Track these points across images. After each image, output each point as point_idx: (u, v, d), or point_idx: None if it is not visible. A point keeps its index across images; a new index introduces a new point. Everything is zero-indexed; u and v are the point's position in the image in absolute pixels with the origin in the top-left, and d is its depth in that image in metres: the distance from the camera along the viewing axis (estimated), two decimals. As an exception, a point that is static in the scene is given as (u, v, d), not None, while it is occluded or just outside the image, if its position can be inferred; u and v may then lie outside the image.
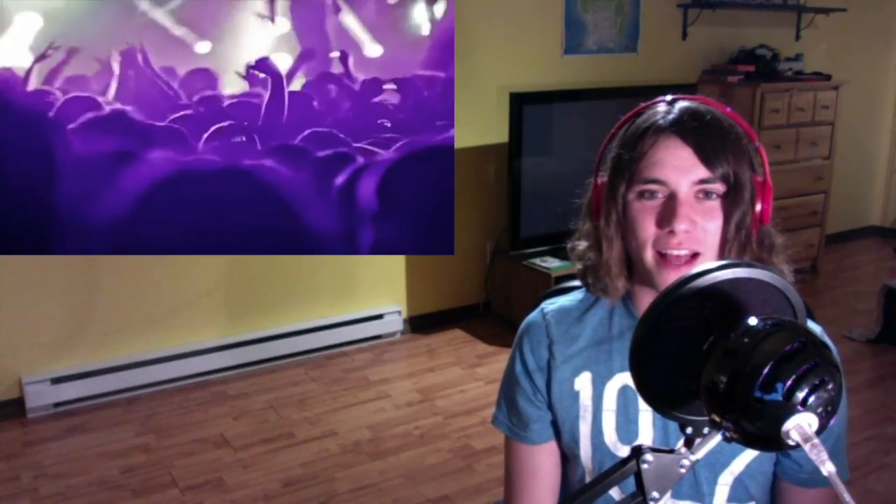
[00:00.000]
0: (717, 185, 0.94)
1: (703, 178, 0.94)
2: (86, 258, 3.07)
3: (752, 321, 0.64)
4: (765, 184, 0.98)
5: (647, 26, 4.37)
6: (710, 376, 0.64)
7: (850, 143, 5.26)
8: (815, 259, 4.84)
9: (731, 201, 0.95)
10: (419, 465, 2.72)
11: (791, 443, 0.59)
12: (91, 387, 3.13)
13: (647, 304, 0.72)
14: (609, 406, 1.05)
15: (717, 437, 0.68)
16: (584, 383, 1.06)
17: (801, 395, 0.58)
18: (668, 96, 1.01)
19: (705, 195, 0.95)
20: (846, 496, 0.58)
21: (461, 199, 3.74)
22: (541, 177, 3.76)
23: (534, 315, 1.13)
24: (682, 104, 0.99)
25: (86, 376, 3.12)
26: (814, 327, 0.98)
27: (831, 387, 0.59)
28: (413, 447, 2.84)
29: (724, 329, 0.65)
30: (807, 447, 0.59)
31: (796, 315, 0.70)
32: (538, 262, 3.77)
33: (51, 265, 3.04)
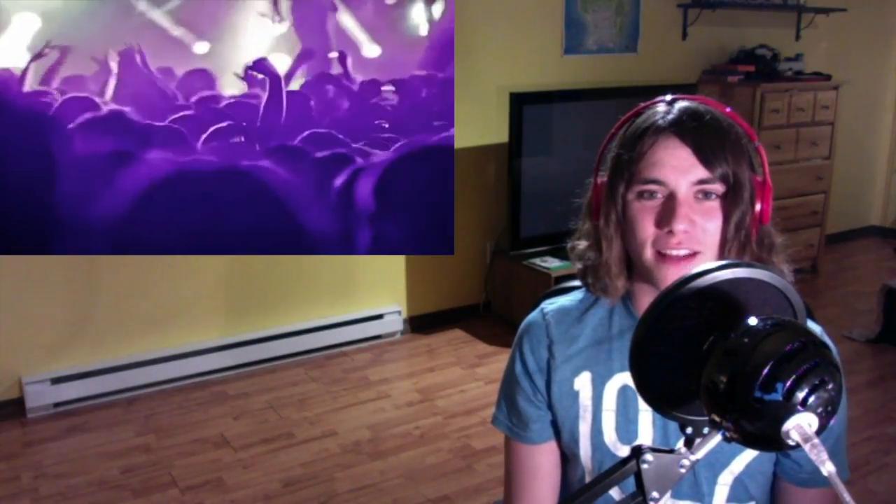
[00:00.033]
0: (717, 186, 0.94)
1: (702, 179, 0.94)
2: (86, 258, 3.07)
3: (752, 321, 0.64)
4: (764, 184, 0.98)
5: (647, 26, 4.37)
6: (710, 376, 0.64)
7: (850, 143, 5.26)
8: (815, 259, 4.84)
9: (731, 201, 0.95)
10: (419, 465, 2.72)
11: (791, 443, 0.59)
12: (91, 387, 3.13)
13: (646, 303, 0.72)
14: (609, 406, 1.05)
15: (717, 437, 0.68)
16: (583, 383, 1.06)
17: (801, 395, 0.58)
18: (667, 96, 1.01)
19: (704, 195, 0.95)
20: (846, 496, 0.58)
21: (461, 199, 3.74)
22: (541, 177, 3.76)
23: (534, 315, 1.13)
24: (681, 104, 0.99)
25: (86, 376, 3.12)
26: (814, 327, 0.98)
27: (831, 387, 0.59)
28: (413, 447, 2.84)
29: (724, 329, 0.65)
30: (807, 447, 0.58)
31: (796, 315, 0.70)
32: (538, 262, 3.77)
33: (51, 265, 3.04)
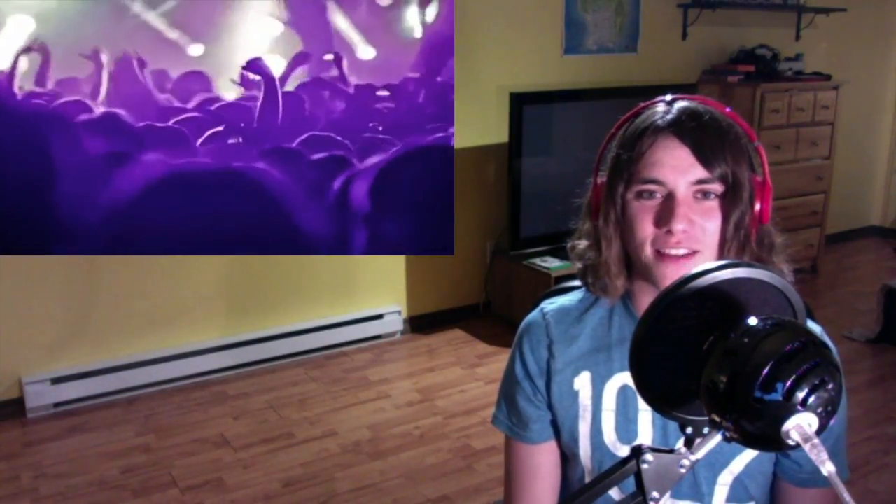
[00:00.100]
0: (716, 185, 0.94)
1: (701, 178, 0.94)
2: (86, 258, 3.07)
3: (752, 321, 0.64)
4: (764, 184, 0.98)
5: (647, 26, 4.37)
6: (710, 376, 0.64)
7: (850, 143, 5.26)
8: (815, 259, 4.83)
9: (730, 201, 0.95)
10: (419, 465, 2.72)
11: (791, 443, 0.59)
12: (91, 387, 3.13)
13: (646, 303, 0.72)
14: (608, 406, 1.05)
15: (717, 437, 0.67)
16: (583, 383, 1.06)
17: (801, 395, 0.58)
18: (667, 96, 1.01)
19: (703, 195, 0.95)
20: (846, 496, 0.58)
21: (461, 199, 3.74)
22: (541, 177, 3.76)
23: (533, 315, 1.13)
24: (680, 104, 0.99)
25: (86, 376, 3.12)
26: (814, 327, 0.98)
27: (831, 387, 0.59)
28: (413, 447, 2.84)
29: (724, 329, 0.65)
30: (807, 447, 0.58)
31: (796, 315, 0.70)
32: (538, 262, 3.77)
33: (51, 265, 3.04)
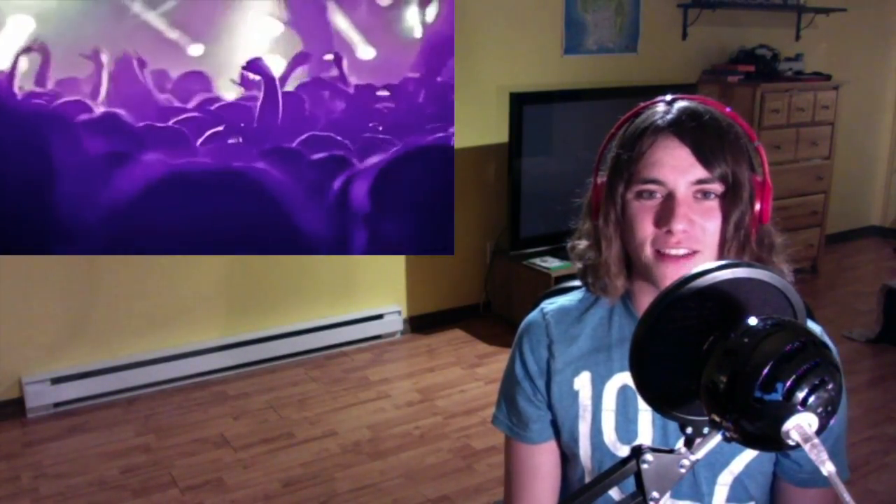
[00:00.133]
0: (716, 185, 0.94)
1: (700, 178, 0.94)
2: (86, 258, 3.07)
3: (752, 321, 0.64)
4: (764, 184, 0.98)
5: (647, 26, 4.37)
6: (710, 376, 0.64)
7: (850, 143, 5.26)
8: (815, 259, 4.83)
9: (730, 201, 0.95)
10: (419, 465, 2.72)
11: (791, 443, 0.59)
12: (91, 387, 3.13)
13: (646, 303, 0.72)
14: (608, 406, 1.05)
15: (717, 437, 0.67)
16: (583, 383, 1.06)
17: (801, 395, 0.58)
18: (667, 96, 1.01)
19: (703, 195, 0.95)
20: (846, 496, 0.58)
21: (461, 199, 3.74)
22: (541, 177, 3.76)
23: (533, 315, 1.13)
24: (680, 104, 0.99)
25: (86, 376, 3.12)
26: (814, 327, 0.98)
27: (831, 387, 0.59)
28: (413, 447, 2.84)
29: (724, 329, 0.65)
30: (807, 447, 0.58)
31: (796, 315, 0.70)
32: (538, 262, 3.77)
33: (51, 265, 3.04)
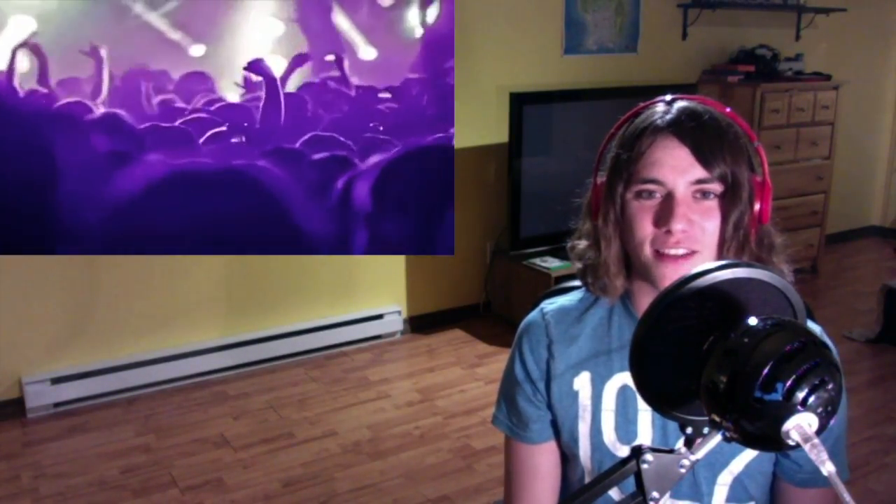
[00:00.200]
0: (715, 185, 0.94)
1: (700, 178, 0.94)
2: (86, 258, 3.07)
3: (752, 321, 0.64)
4: (764, 184, 0.98)
5: (647, 26, 4.37)
6: (710, 376, 0.64)
7: (850, 143, 5.26)
8: (815, 259, 4.83)
9: (729, 201, 0.95)
10: (419, 465, 2.72)
11: (791, 443, 0.59)
12: (91, 387, 3.13)
13: (645, 303, 0.72)
14: (608, 406, 1.05)
15: (717, 437, 0.67)
16: (583, 383, 1.06)
17: (801, 395, 0.58)
18: (667, 96, 1.01)
19: (703, 195, 0.95)
20: (846, 496, 0.58)
21: (461, 199, 3.74)
22: (541, 177, 3.76)
23: (533, 315, 1.13)
24: (680, 104, 0.99)
25: (86, 376, 3.12)
26: (814, 327, 0.98)
27: (831, 387, 0.59)
28: (413, 447, 2.84)
29: (724, 329, 0.65)
30: (807, 447, 0.58)
31: (796, 315, 0.70)
32: (538, 262, 3.77)
33: (51, 265, 3.04)
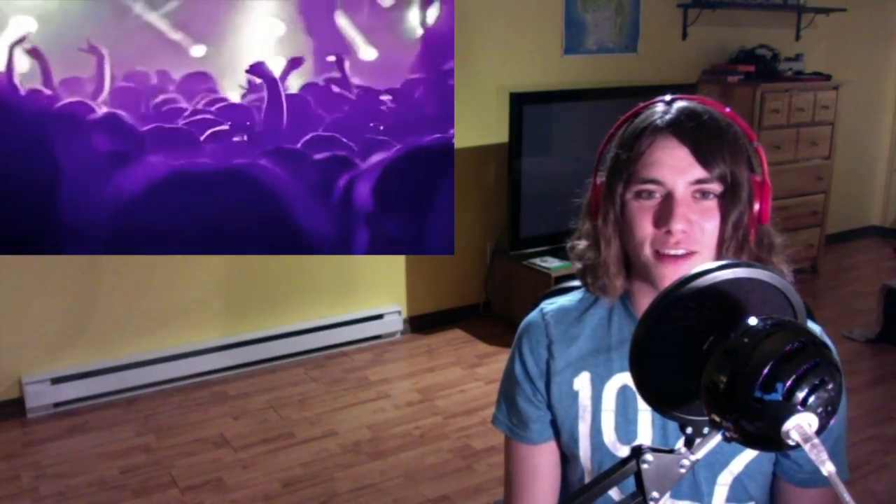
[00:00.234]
0: (714, 185, 0.94)
1: (699, 178, 0.94)
2: (86, 258, 3.07)
3: (752, 321, 0.64)
4: (763, 184, 0.97)
5: (647, 26, 4.37)
6: (710, 376, 0.64)
7: (850, 143, 5.26)
8: (815, 259, 4.83)
9: (729, 201, 0.94)
10: (419, 465, 2.72)
11: (791, 443, 0.59)
12: (91, 387, 3.13)
13: (645, 303, 0.72)
14: (608, 406, 1.05)
15: (717, 437, 0.67)
16: (583, 383, 1.06)
17: (801, 395, 0.58)
18: (666, 96, 1.01)
19: (702, 195, 0.95)
20: (846, 496, 0.58)
21: (461, 199, 3.74)
22: (541, 177, 3.76)
23: (533, 315, 1.13)
24: (680, 104, 0.99)
25: (86, 376, 3.12)
26: (814, 327, 0.98)
27: (831, 387, 0.59)
28: (413, 447, 2.84)
29: (724, 329, 0.65)
30: (807, 447, 0.58)
31: (796, 315, 0.70)
32: (538, 262, 3.77)
33: (51, 265, 3.04)
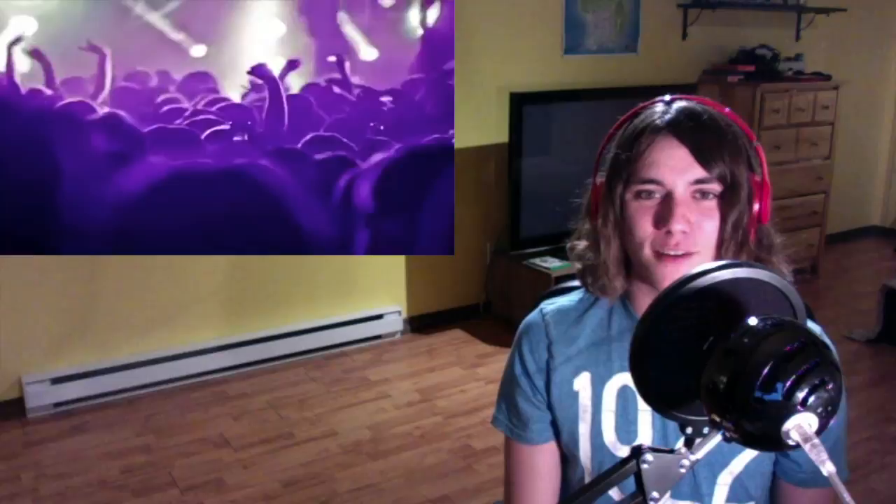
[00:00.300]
0: (714, 185, 0.94)
1: (699, 178, 0.94)
2: (86, 258, 3.07)
3: (752, 321, 0.64)
4: (763, 184, 0.97)
5: (647, 26, 4.37)
6: (710, 376, 0.63)
7: (850, 143, 5.26)
8: (815, 259, 4.83)
9: (728, 201, 0.94)
10: (419, 465, 2.72)
11: (791, 443, 0.59)
12: (91, 387, 3.13)
13: (645, 303, 0.72)
14: (608, 406, 1.05)
15: (717, 437, 0.67)
16: (583, 384, 1.06)
17: (801, 395, 0.58)
18: (666, 96, 1.01)
19: (702, 195, 0.95)
20: (846, 496, 0.58)
21: (461, 199, 3.74)
22: (541, 177, 3.76)
23: (533, 315, 1.13)
24: (679, 104, 0.98)
25: (86, 376, 3.12)
26: (814, 327, 0.98)
27: (831, 387, 0.59)
28: (413, 447, 2.84)
29: (724, 329, 0.65)
30: (807, 447, 0.58)
31: (796, 315, 0.70)
32: (538, 262, 3.77)
33: (51, 265, 3.04)
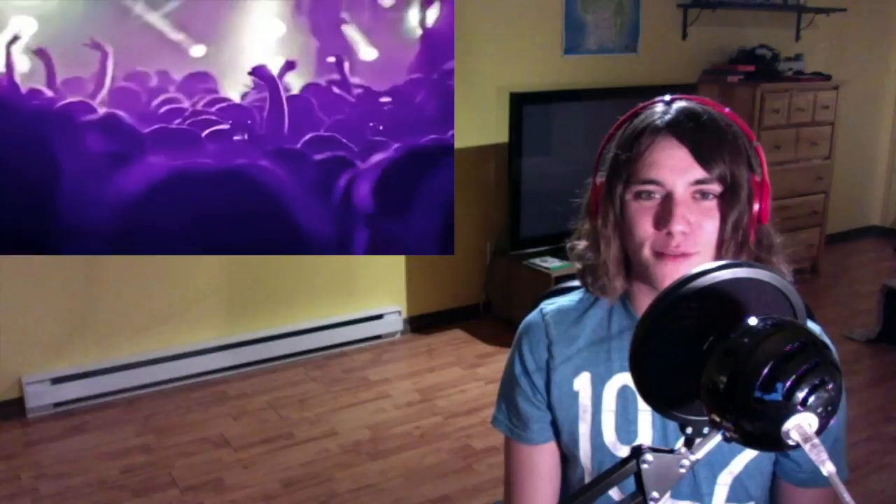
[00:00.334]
0: (714, 186, 0.94)
1: (699, 179, 0.94)
2: (86, 258, 3.07)
3: (752, 321, 0.64)
4: (763, 183, 0.97)
5: (647, 26, 4.37)
6: (710, 376, 0.63)
7: (850, 143, 5.26)
8: (815, 259, 4.83)
9: (728, 201, 0.94)
10: (419, 465, 2.72)
11: (791, 443, 0.59)
12: (91, 387, 3.13)
13: (645, 303, 0.72)
14: (608, 406, 1.05)
15: (717, 437, 0.67)
16: (583, 384, 1.06)
17: (801, 395, 0.58)
18: (666, 96, 1.01)
19: (702, 195, 0.95)
20: (846, 496, 0.58)
21: (461, 199, 3.74)
22: (541, 177, 3.76)
23: (533, 315, 1.13)
24: (679, 104, 0.98)
25: (86, 376, 3.12)
26: (814, 327, 0.98)
27: (831, 387, 0.59)
28: (413, 447, 2.84)
29: (724, 329, 0.65)
30: (807, 447, 0.58)
31: (796, 315, 0.70)
32: (538, 262, 3.77)
33: (51, 265, 3.04)
